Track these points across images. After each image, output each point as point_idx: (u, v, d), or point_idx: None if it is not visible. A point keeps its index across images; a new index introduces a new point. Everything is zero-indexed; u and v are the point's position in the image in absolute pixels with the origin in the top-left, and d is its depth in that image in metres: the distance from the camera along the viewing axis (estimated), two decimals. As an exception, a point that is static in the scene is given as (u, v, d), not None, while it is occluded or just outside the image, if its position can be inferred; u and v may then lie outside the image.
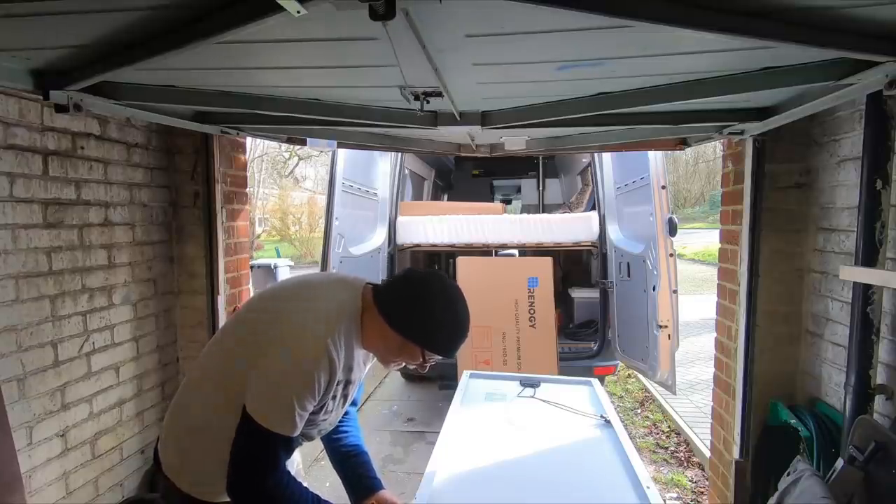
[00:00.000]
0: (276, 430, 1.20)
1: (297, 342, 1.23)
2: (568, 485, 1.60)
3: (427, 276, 1.35)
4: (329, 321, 1.27)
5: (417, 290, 1.31)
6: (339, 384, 1.32)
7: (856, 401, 1.77)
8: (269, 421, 1.20)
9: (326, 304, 1.32)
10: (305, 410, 1.23)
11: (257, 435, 1.20)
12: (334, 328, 1.26)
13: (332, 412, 1.39)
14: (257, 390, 1.21)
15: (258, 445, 1.21)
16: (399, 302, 1.30)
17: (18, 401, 2.01)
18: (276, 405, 1.20)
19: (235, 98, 1.92)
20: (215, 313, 2.86)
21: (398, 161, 4.95)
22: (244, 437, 1.21)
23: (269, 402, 1.21)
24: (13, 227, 1.98)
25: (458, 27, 1.22)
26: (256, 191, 19.54)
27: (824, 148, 2.23)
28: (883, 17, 1.15)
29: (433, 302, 1.30)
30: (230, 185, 2.95)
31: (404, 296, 1.31)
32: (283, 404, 1.20)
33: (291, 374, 1.21)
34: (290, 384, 1.20)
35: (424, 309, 1.29)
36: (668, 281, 3.58)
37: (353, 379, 1.38)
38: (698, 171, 29.06)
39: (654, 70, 1.59)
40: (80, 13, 1.18)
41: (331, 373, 1.24)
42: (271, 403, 1.20)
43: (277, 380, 1.21)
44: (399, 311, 1.30)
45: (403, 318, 1.29)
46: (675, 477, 3.72)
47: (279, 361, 1.22)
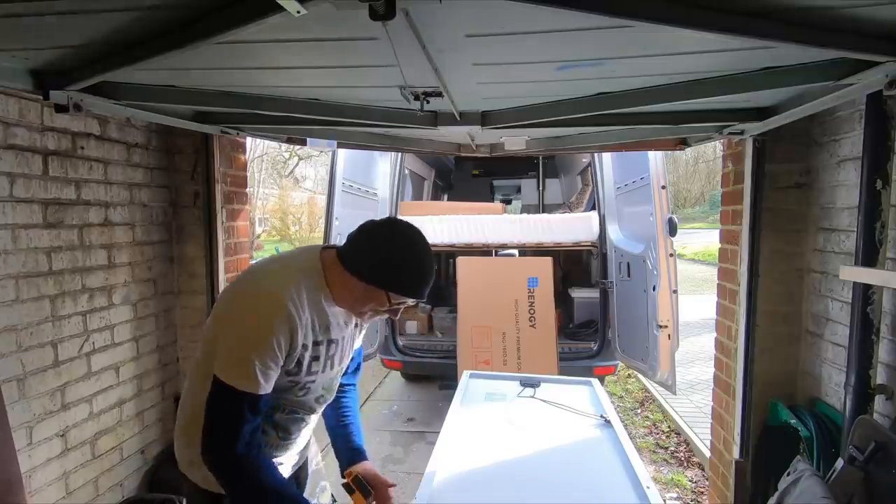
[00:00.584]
0: (238, 386, 1.22)
1: (253, 300, 1.29)
2: (568, 485, 1.60)
3: (382, 221, 1.38)
4: (284, 280, 1.30)
5: (372, 234, 1.34)
6: (318, 344, 1.34)
7: (856, 401, 1.77)
8: (229, 376, 1.22)
9: (282, 268, 1.38)
10: (268, 367, 1.24)
11: (222, 393, 1.23)
12: (290, 286, 1.29)
13: (320, 373, 1.39)
14: (221, 351, 1.26)
15: (224, 403, 1.24)
16: (356, 249, 1.33)
17: (18, 401, 2.01)
18: (235, 360, 1.23)
19: (235, 98, 1.92)
20: (215, 313, 2.85)
21: (398, 161, 4.96)
22: (211, 397, 1.24)
23: (228, 359, 1.24)
24: (13, 227, 1.98)
25: (458, 27, 1.22)
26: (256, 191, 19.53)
27: (824, 148, 2.23)
28: (883, 17, 1.15)
29: (388, 243, 1.32)
30: (230, 185, 2.95)
31: (360, 242, 1.34)
32: (240, 358, 1.23)
33: (248, 329, 1.24)
34: (246, 338, 1.24)
35: (380, 250, 1.31)
36: (668, 281, 3.58)
37: (336, 338, 1.39)
38: (698, 171, 29.07)
39: (654, 70, 1.59)
40: (80, 13, 1.18)
41: (291, 328, 1.26)
42: (230, 359, 1.24)
43: (235, 335, 1.25)
44: (356, 257, 1.32)
45: (361, 262, 1.31)
46: (675, 477, 3.72)
47: (236, 319, 1.27)
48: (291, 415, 1.43)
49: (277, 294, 1.26)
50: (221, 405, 1.24)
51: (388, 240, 1.33)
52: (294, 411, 1.43)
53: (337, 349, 1.42)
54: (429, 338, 5.08)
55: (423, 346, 4.82)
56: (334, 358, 1.42)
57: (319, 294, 1.34)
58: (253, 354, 1.22)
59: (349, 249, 1.34)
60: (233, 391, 1.22)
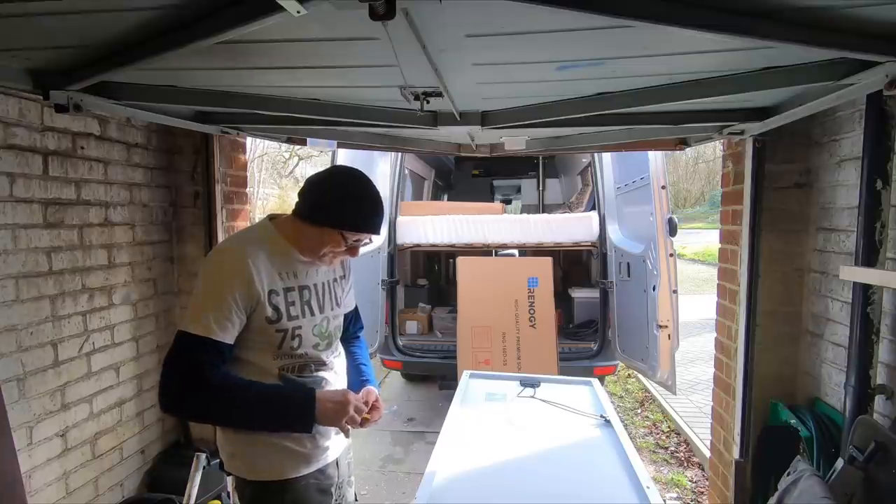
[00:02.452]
0: (193, 330, 1.29)
1: (208, 260, 1.44)
2: (568, 485, 1.60)
3: (323, 171, 1.48)
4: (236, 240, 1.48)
5: (316, 181, 1.43)
6: (290, 290, 1.42)
7: (856, 401, 1.77)
8: (185, 322, 1.31)
9: (236, 234, 1.55)
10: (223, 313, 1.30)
11: (179, 339, 1.30)
12: (242, 243, 1.42)
13: (301, 318, 1.43)
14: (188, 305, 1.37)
15: (176, 346, 1.31)
16: (303, 199, 1.42)
17: (18, 401, 2.01)
18: (192, 307, 1.34)
19: (235, 98, 1.92)
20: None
21: (398, 161, 4.95)
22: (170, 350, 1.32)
23: (188, 312, 1.34)
24: (13, 227, 1.98)
25: (458, 27, 1.22)
26: (256, 191, 19.51)
27: (824, 148, 2.23)
28: (883, 17, 1.15)
29: (329, 184, 1.42)
30: (230, 185, 2.95)
31: (306, 192, 1.43)
32: (195, 305, 1.33)
33: (203, 283, 1.35)
34: (202, 291, 1.34)
35: (323, 192, 1.40)
36: (668, 281, 3.57)
37: (307, 284, 1.46)
38: (698, 171, 29.06)
39: (654, 70, 1.59)
40: (80, 13, 1.18)
41: (246, 275, 1.33)
42: (189, 311, 1.33)
43: (194, 293, 1.36)
44: (304, 205, 1.41)
45: (308, 207, 1.40)
46: (675, 477, 3.72)
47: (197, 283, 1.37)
48: (304, 373, 1.45)
49: (229, 249, 1.43)
50: (177, 347, 1.30)
51: (328, 181, 1.43)
52: (304, 367, 1.45)
53: (312, 295, 1.47)
54: (429, 338, 5.07)
55: (423, 346, 4.81)
56: (311, 303, 1.47)
57: (277, 246, 1.42)
58: (207, 301, 1.31)
59: (300, 201, 1.43)
60: (189, 338, 1.28)
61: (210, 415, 1.39)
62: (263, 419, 1.36)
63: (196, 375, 1.28)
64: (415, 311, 5.31)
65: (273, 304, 1.37)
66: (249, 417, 1.35)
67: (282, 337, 1.39)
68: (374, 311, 4.35)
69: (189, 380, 1.29)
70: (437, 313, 5.34)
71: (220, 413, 1.35)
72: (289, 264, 1.43)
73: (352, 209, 1.40)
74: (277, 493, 1.41)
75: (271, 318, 1.37)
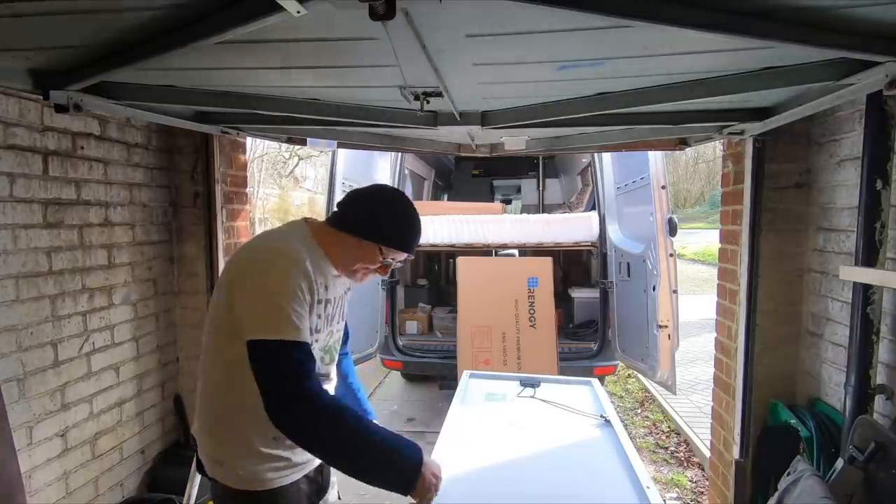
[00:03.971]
0: (282, 336, 1.20)
1: (266, 261, 1.29)
2: (568, 485, 1.60)
3: (371, 186, 1.47)
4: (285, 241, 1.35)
5: (363, 196, 1.42)
6: (320, 303, 1.37)
7: (856, 401, 1.77)
8: (269, 330, 1.20)
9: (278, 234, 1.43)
10: (300, 317, 1.24)
11: (268, 351, 1.20)
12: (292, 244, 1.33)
13: (318, 332, 1.39)
14: (248, 317, 1.23)
15: (275, 359, 1.20)
16: (348, 211, 1.41)
17: (18, 401, 2.01)
18: (270, 313, 1.22)
19: (235, 98, 1.92)
20: (215, 313, 2.85)
21: (398, 161, 4.95)
22: (257, 362, 1.20)
23: (262, 316, 1.22)
24: (13, 227, 1.98)
25: (458, 27, 1.22)
26: (256, 191, 19.50)
27: (824, 148, 2.23)
28: (883, 17, 1.15)
29: (379, 201, 1.42)
30: (230, 185, 2.95)
31: (352, 204, 1.41)
32: (274, 308, 1.21)
33: (272, 284, 1.24)
34: (273, 291, 1.23)
35: (372, 208, 1.40)
36: (668, 281, 3.57)
37: (331, 297, 1.43)
38: (698, 171, 29.06)
39: (654, 70, 1.59)
40: (80, 13, 1.18)
41: (307, 279, 1.28)
42: (265, 314, 1.22)
43: (261, 293, 1.24)
44: (349, 217, 1.39)
45: (355, 221, 1.38)
46: (675, 477, 3.72)
47: (257, 282, 1.25)
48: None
49: (287, 249, 1.30)
50: (271, 361, 1.20)
51: (378, 199, 1.42)
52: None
53: (333, 309, 1.45)
54: (429, 338, 5.08)
55: (423, 346, 4.82)
56: (330, 317, 1.45)
57: (315, 254, 1.37)
58: (283, 303, 1.22)
59: (341, 213, 1.41)
60: (275, 343, 1.20)
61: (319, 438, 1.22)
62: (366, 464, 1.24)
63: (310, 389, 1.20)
64: (415, 311, 5.31)
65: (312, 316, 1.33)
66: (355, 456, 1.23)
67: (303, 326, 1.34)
68: (374, 311, 4.35)
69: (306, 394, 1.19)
70: (437, 313, 5.34)
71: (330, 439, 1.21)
72: (323, 275, 1.38)
73: (400, 228, 1.40)
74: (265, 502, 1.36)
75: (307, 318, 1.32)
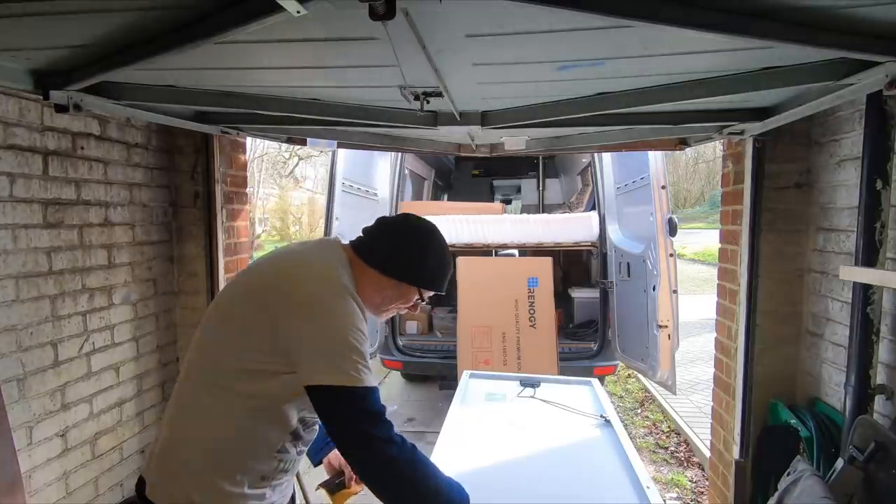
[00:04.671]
0: (361, 383, 1.11)
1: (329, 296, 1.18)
2: (568, 485, 1.60)
3: (400, 219, 1.40)
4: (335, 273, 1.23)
5: (398, 233, 1.35)
6: None
7: (856, 401, 1.77)
8: (347, 376, 1.11)
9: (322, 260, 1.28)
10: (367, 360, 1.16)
11: (344, 399, 1.11)
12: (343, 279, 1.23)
13: None
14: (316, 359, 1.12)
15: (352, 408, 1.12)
16: (386, 250, 1.32)
17: (18, 401, 2.01)
18: (347, 358, 1.12)
19: (235, 98, 1.92)
20: (215, 313, 2.85)
21: (398, 161, 4.96)
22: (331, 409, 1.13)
23: (339, 361, 1.12)
24: (13, 227, 1.98)
25: (458, 27, 1.22)
26: (256, 191, 19.50)
27: (824, 148, 2.23)
28: (883, 17, 1.15)
29: (417, 241, 1.34)
30: (230, 185, 2.95)
31: (389, 242, 1.33)
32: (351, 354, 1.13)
33: (343, 326, 1.14)
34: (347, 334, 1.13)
35: (411, 249, 1.33)
36: (668, 281, 3.58)
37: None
38: (698, 171, 29.05)
39: (654, 70, 1.59)
40: (80, 13, 1.18)
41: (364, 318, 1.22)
42: (342, 360, 1.12)
43: (332, 335, 1.13)
44: (389, 258, 1.31)
45: (396, 263, 1.31)
46: (675, 477, 3.72)
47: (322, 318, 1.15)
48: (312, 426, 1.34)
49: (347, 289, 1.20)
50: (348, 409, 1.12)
51: (416, 237, 1.35)
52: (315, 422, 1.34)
53: None
54: (429, 338, 5.08)
55: (423, 346, 4.82)
56: None
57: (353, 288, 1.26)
58: (360, 346, 1.15)
59: (376, 249, 1.32)
60: (358, 391, 1.11)
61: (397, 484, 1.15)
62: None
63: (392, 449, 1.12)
64: (415, 312, 5.30)
65: None
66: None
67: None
68: (374, 312, 4.34)
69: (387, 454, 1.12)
70: (437, 313, 5.34)
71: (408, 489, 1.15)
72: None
73: (441, 270, 1.37)
74: None
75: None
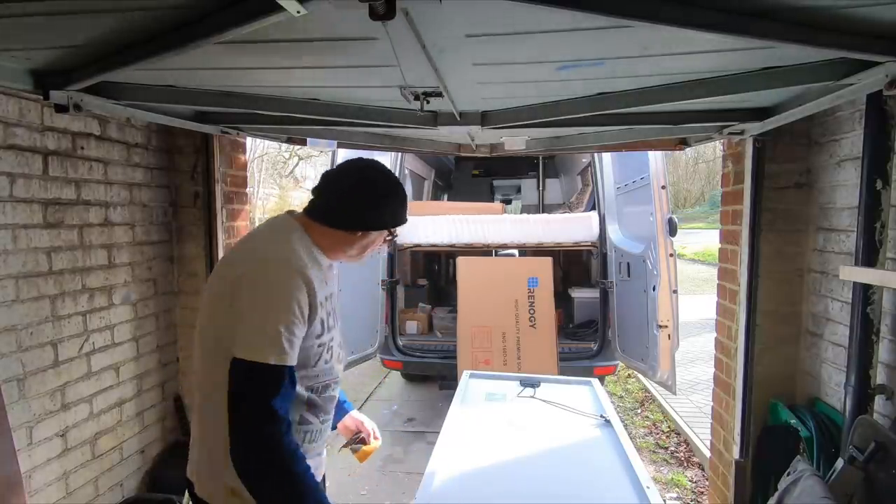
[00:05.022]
0: (271, 361, 1.15)
1: (263, 272, 1.22)
2: (568, 485, 1.60)
3: (339, 170, 1.39)
4: (283, 247, 1.29)
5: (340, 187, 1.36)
6: (327, 299, 1.34)
7: (856, 401, 1.77)
8: (253, 351, 1.15)
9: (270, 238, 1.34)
10: (294, 335, 1.20)
11: (250, 373, 1.15)
12: (291, 250, 1.28)
13: (334, 329, 1.38)
14: (240, 331, 1.18)
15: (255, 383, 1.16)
16: (333, 207, 1.34)
17: (18, 401, 2.01)
18: (259, 333, 1.16)
19: (235, 98, 1.92)
20: (215, 313, 2.85)
21: (398, 161, 4.95)
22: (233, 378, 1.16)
23: (252, 334, 1.17)
24: (13, 227, 1.98)
25: (458, 27, 1.22)
26: (256, 191, 19.50)
27: (824, 148, 2.23)
28: (883, 17, 1.15)
29: (358, 189, 1.35)
30: (230, 185, 2.95)
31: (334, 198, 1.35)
32: (264, 329, 1.16)
33: (268, 300, 1.19)
34: (268, 309, 1.18)
35: (355, 199, 1.33)
36: (668, 281, 3.57)
37: (333, 291, 1.41)
38: (698, 171, 29.06)
39: (655, 70, 1.59)
40: (80, 13, 1.18)
41: (309, 292, 1.23)
42: (254, 334, 1.17)
43: (255, 309, 1.18)
44: (338, 214, 1.34)
45: (346, 218, 1.34)
46: (675, 477, 3.72)
47: (252, 294, 1.19)
48: (325, 392, 1.37)
49: (281, 259, 1.25)
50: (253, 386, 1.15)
51: (356, 185, 1.35)
52: (326, 387, 1.37)
53: (336, 301, 1.43)
54: (429, 338, 5.07)
55: (423, 346, 4.82)
56: (335, 310, 1.42)
57: (312, 251, 1.33)
58: (278, 325, 1.17)
59: (325, 209, 1.35)
60: (264, 368, 1.15)
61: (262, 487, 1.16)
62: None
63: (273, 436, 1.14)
64: (415, 311, 5.31)
65: (321, 316, 1.29)
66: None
67: (320, 353, 1.31)
68: (374, 311, 4.36)
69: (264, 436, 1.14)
70: (437, 313, 5.34)
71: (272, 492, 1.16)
72: (322, 271, 1.34)
73: (398, 206, 1.40)
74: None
75: (319, 332, 1.29)
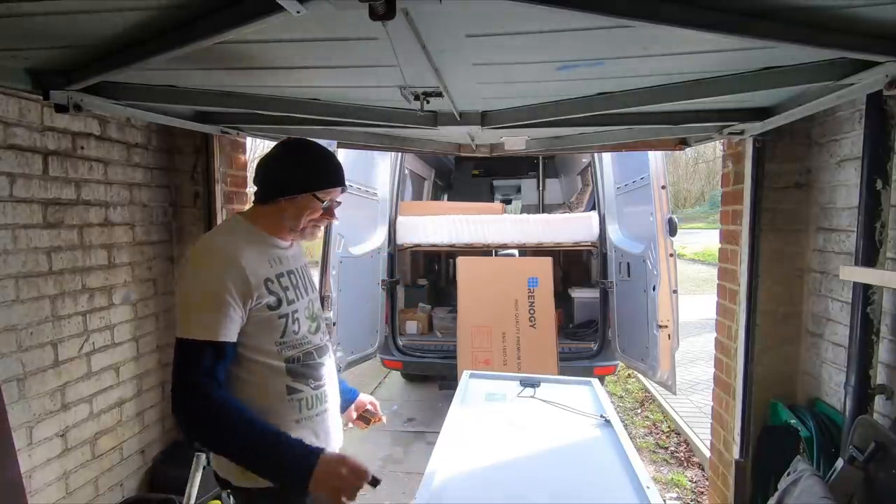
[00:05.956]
0: (191, 335, 1.26)
1: (195, 257, 1.36)
2: (568, 485, 1.60)
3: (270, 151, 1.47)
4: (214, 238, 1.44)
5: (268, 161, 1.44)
6: (281, 276, 1.42)
7: (856, 401, 1.77)
8: (190, 331, 1.27)
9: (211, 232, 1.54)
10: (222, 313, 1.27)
11: (181, 347, 1.27)
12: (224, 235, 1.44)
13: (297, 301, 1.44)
14: (177, 315, 1.32)
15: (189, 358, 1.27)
16: (264, 181, 1.44)
17: (18, 401, 2.01)
18: (186, 310, 1.29)
19: (235, 98, 1.92)
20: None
21: (398, 161, 4.95)
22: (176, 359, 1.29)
23: (184, 312, 1.30)
24: (13, 227, 1.98)
25: (458, 27, 1.22)
26: (256, 191, 19.53)
27: (824, 148, 2.23)
28: (883, 17, 1.15)
29: (285, 156, 1.44)
30: (230, 185, 2.95)
31: (263, 174, 1.44)
32: (189, 306, 1.29)
33: (193, 280, 1.32)
34: (193, 288, 1.30)
35: (283, 165, 1.42)
36: (668, 281, 3.57)
37: (292, 268, 1.48)
38: (698, 171, 29.06)
39: (654, 70, 1.59)
40: (80, 13, 1.18)
41: (240, 267, 1.31)
42: (186, 311, 1.29)
43: (186, 290, 1.32)
44: (267, 185, 1.43)
45: (273, 187, 1.42)
46: (675, 477, 3.72)
47: (184, 282, 1.34)
48: (308, 360, 1.45)
49: (213, 245, 1.38)
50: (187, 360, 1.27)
51: (285, 154, 1.44)
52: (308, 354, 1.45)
53: (298, 278, 1.49)
54: (429, 338, 5.07)
55: (423, 346, 4.82)
56: (299, 286, 1.48)
57: (255, 236, 1.42)
58: (203, 301, 1.28)
59: (259, 190, 1.45)
60: (195, 343, 1.26)
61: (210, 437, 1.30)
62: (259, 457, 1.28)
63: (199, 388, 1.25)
64: (415, 311, 5.31)
65: (272, 291, 1.37)
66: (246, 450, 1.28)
67: (284, 323, 1.39)
68: (373, 311, 4.36)
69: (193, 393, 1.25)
70: (437, 313, 5.34)
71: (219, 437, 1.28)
72: (270, 252, 1.43)
73: (315, 168, 1.43)
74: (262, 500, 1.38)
75: (272, 305, 1.37)
